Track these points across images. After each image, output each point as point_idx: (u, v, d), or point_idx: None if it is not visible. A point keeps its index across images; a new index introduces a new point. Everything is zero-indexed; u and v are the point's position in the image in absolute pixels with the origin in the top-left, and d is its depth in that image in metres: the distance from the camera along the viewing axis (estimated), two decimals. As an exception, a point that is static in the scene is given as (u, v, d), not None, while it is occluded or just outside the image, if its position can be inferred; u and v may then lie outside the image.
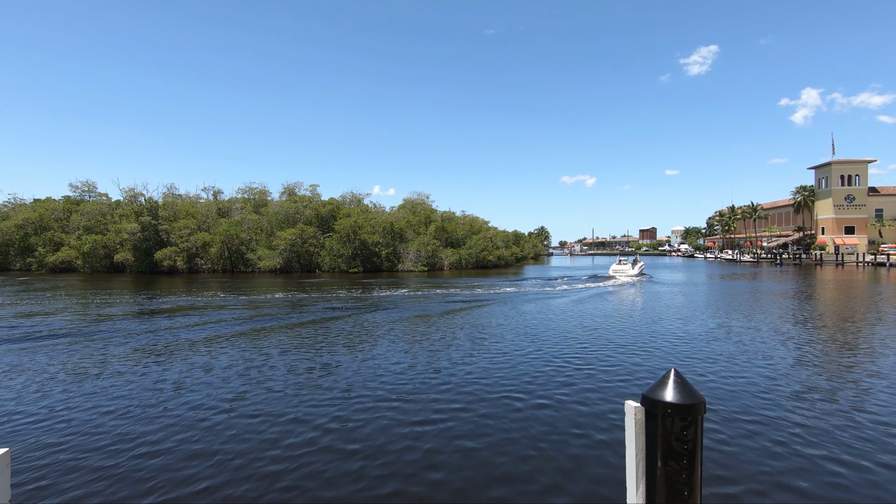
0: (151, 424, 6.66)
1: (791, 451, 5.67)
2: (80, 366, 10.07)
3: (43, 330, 14.40)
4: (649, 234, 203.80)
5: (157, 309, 19.87)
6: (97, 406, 7.48)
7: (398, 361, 10.26)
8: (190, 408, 7.31)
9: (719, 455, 5.56)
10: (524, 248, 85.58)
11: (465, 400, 7.59)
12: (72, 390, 8.35)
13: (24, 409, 7.40)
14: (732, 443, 5.90)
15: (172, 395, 8.02)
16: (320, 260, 52.19)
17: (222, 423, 6.64)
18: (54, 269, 53.36)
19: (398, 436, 6.19)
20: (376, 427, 6.49)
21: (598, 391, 8.02)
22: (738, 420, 6.65)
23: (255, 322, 15.80)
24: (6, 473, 1.68)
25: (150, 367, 9.94)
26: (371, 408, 7.26)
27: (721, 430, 6.26)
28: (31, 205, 63.89)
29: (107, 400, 7.79)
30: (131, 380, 8.97)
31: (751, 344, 11.87)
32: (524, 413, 7.00)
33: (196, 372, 9.46)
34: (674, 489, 1.74)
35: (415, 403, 7.45)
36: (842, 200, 70.18)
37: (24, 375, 9.34)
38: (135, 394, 8.09)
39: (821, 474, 5.15)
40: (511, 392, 8.00)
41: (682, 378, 1.80)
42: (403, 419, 6.78)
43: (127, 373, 9.49)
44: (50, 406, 7.51)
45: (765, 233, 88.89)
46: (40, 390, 8.36)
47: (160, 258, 50.24)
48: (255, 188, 67.26)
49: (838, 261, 60.27)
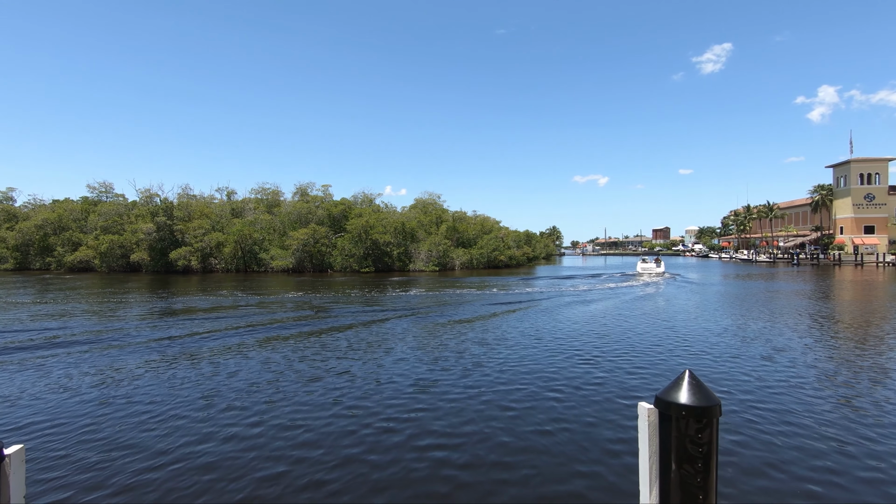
0: (179, 429, 6.73)
1: (810, 455, 5.56)
2: (103, 365, 10.24)
3: (66, 329, 14.69)
4: (663, 233, 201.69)
5: (182, 309, 20.14)
6: (122, 404, 7.58)
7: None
8: (219, 410, 7.38)
9: (735, 458, 5.47)
10: (536, 248, 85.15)
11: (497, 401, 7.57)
12: (95, 390, 8.47)
13: (39, 406, 7.53)
14: (749, 446, 5.80)
15: (195, 396, 8.11)
16: (332, 260, 52.50)
17: (256, 432, 6.68)
18: (72, 268, 54.40)
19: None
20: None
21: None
22: (756, 423, 6.53)
23: (277, 324, 15.92)
24: (21, 470, 1.67)
25: (176, 368, 10.07)
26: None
27: (738, 433, 6.16)
28: (51, 206, 65.23)
29: (131, 400, 7.89)
30: (158, 380, 9.09)
31: (773, 345, 11.67)
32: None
33: (223, 375, 9.55)
34: (688, 492, 1.71)
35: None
36: (861, 199, 68.70)
37: (39, 373, 9.52)
38: (164, 393, 8.18)
39: (840, 481, 5.04)
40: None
41: (696, 379, 1.77)
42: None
43: (153, 373, 9.61)
44: (66, 404, 7.63)
45: (781, 232, 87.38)
46: (58, 388, 8.50)
47: (175, 258, 50.96)
48: (268, 188, 68.00)
49: (857, 261, 59.08)
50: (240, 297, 24.59)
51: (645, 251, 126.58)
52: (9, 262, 58.82)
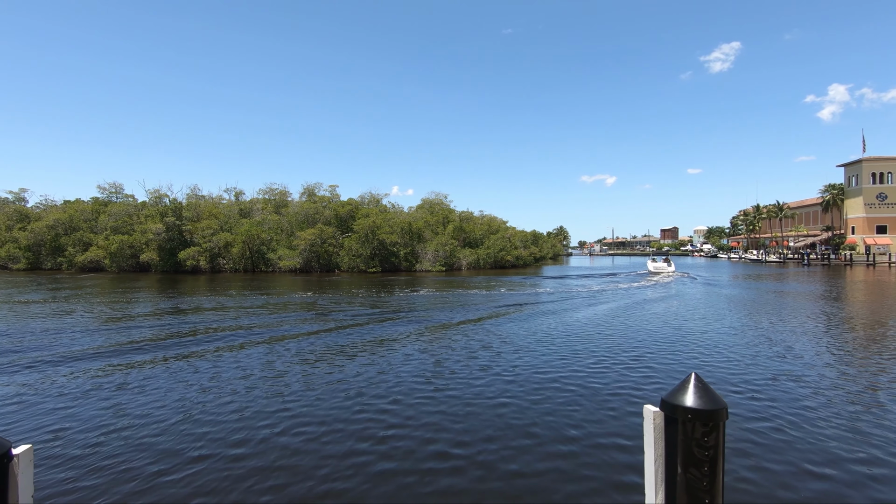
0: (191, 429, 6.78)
1: (822, 461, 5.49)
2: (118, 364, 10.35)
3: (82, 327, 14.85)
4: (671, 233, 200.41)
5: (193, 308, 20.29)
6: (134, 406, 7.64)
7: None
8: (234, 410, 7.43)
9: (743, 462, 5.42)
10: (543, 249, 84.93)
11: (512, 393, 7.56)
12: (106, 391, 8.55)
13: (48, 406, 7.61)
14: (758, 450, 5.74)
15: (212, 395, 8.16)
16: (339, 260, 52.67)
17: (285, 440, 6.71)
18: (83, 268, 54.96)
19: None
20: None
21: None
22: (766, 427, 6.46)
23: (289, 324, 15.99)
24: (30, 470, 1.66)
25: (190, 367, 10.14)
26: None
27: (746, 438, 6.10)
28: (62, 206, 65.89)
29: (144, 401, 7.95)
30: (172, 380, 9.16)
31: (784, 347, 11.55)
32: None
33: (239, 372, 9.62)
34: (695, 496, 1.69)
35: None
36: (873, 199, 67.80)
37: (50, 373, 9.63)
38: (177, 394, 8.25)
39: (850, 486, 4.97)
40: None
41: (702, 383, 1.75)
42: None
43: (166, 374, 9.69)
44: (75, 403, 7.70)
45: (791, 232, 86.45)
46: (66, 388, 8.59)
47: (184, 258, 51.36)
48: (276, 189, 68.30)
49: (869, 261, 58.32)
50: (250, 297, 24.74)
51: (653, 251, 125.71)
52: (21, 261, 59.53)
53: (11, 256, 60.25)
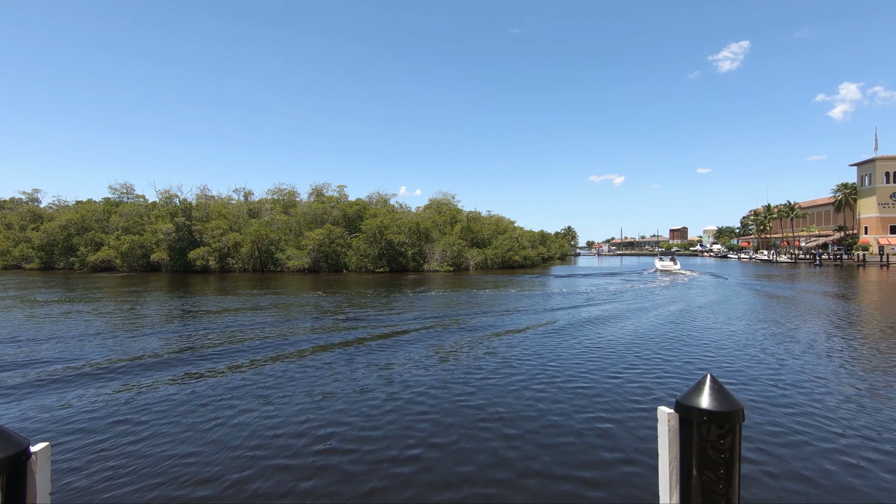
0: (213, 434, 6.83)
1: (838, 463, 5.42)
2: (130, 362, 10.45)
3: (96, 328, 15.03)
4: (680, 233, 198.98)
5: (206, 310, 20.45)
6: (152, 407, 7.69)
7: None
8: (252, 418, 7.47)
9: (759, 465, 5.36)
10: (551, 249, 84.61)
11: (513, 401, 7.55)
12: (125, 393, 8.63)
13: (66, 405, 7.69)
14: (773, 453, 5.66)
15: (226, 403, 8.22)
16: (347, 260, 52.84)
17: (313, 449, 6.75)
18: (95, 268, 55.63)
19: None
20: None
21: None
22: (784, 430, 6.38)
23: (299, 330, 16.03)
24: (47, 468, 1.66)
25: (208, 368, 10.21)
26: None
27: (763, 439, 6.03)
28: (74, 206, 66.74)
29: (161, 403, 8.02)
30: (190, 382, 9.23)
31: (802, 348, 11.42)
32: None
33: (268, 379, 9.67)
34: (710, 499, 1.68)
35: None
36: (887, 198, 66.83)
37: (64, 369, 9.74)
38: (189, 396, 8.31)
39: (868, 490, 4.90)
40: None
41: (718, 384, 1.74)
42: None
43: (185, 375, 9.76)
44: (95, 404, 7.75)
45: (803, 232, 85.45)
46: (91, 387, 8.68)
47: (194, 258, 51.82)
48: (285, 189, 68.67)
49: (883, 262, 57.42)
50: (261, 297, 24.88)
51: (662, 251, 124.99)
52: (34, 261, 60.39)
53: (25, 256, 61.19)
